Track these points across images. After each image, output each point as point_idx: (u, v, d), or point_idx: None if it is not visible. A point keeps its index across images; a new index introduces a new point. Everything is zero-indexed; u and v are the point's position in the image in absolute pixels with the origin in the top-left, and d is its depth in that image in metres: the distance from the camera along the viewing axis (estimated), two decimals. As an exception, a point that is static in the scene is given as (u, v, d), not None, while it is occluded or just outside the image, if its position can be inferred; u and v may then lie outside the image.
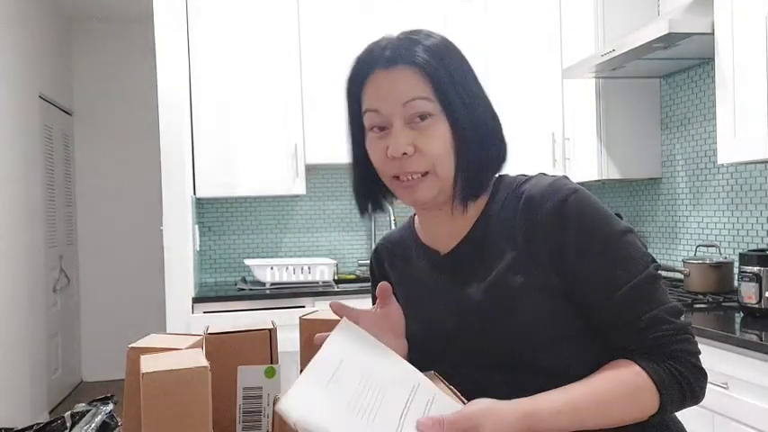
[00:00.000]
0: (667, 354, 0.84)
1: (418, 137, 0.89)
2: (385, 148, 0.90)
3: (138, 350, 0.82)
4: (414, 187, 0.91)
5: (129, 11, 5.00)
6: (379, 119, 0.91)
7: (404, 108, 0.89)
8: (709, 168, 2.80)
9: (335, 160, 3.28)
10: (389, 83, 0.90)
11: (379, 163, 0.93)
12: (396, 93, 0.89)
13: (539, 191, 0.90)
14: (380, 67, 0.92)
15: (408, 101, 0.89)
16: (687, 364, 0.85)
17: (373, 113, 0.92)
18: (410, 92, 0.89)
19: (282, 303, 2.96)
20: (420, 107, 0.88)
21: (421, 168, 0.89)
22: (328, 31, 3.25)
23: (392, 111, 0.89)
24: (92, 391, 4.87)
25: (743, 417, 1.81)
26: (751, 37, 2.10)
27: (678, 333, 0.85)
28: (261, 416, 0.86)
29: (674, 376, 0.83)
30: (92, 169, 5.37)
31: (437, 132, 0.89)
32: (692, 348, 0.86)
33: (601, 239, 0.86)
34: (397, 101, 0.89)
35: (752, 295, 2.08)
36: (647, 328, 0.84)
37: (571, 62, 3.08)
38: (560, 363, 0.87)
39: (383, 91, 0.91)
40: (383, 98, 0.90)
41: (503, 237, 0.92)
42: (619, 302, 0.85)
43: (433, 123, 0.89)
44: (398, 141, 0.88)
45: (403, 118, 0.89)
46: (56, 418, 0.93)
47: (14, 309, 3.85)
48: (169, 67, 2.96)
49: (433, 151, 0.89)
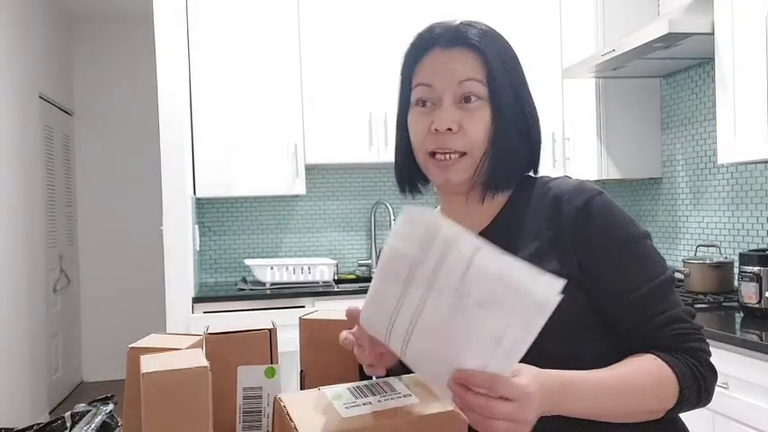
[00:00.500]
0: (684, 349, 0.87)
1: (464, 116, 0.92)
2: (429, 122, 0.93)
3: (138, 350, 0.82)
4: (448, 167, 0.93)
5: (129, 11, 5.00)
6: (430, 94, 0.94)
7: (458, 87, 0.92)
8: (709, 168, 2.80)
9: (335, 160, 3.28)
10: (448, 61, 0.93)
11: (419, 137, 0.95)
12: (453, 71, 0.92)
13: (566, 189, 0.93)
14: (440, 46, 0.94)
15: (464, 80, 0.92)
16: (703, 361, 0.87)
17: (425, 88, 0.94)
18: (467, 72, 0.92)
19: (282, 303, 2.96)
20: (473, 88, 0.92)
21: (460, 147, 0.92)
22: (328, 31, 3.25)
23: (446, 87, 0.92)
24: (92, 392, 4.87)
25: (743, 417, 1.81)
26: (751, 37, 2.10)
27: (693, 332, 0.88)
28: (261, 416, 0.86)
29: (693, 372, 0.85)
30: (92, 169, 5.37)
31: (482, 116, 0.92)
32: (705, 348, 0.89)
33: (623, 240, 0.90)
34: (453, 79, 0.92)
35: (752, 295, 2.08)
36: (665, 325, 0.87)
37: (571, 62, 3.08)
38: (570, 351, 0.88)
39: (441, 67, 0.93)
40: (440, 74, 0.93)
41: (525, 230, 0.94)
42: (637, 301, 0.88)
43: (479, 107, 0.92)
44: (446, 116, 0.91)
45: (454, 96, 0.92)
46: (56, 419, 0.93)
47: (14, 309, 3.85)
48: (169, 68, 2.96)
49: (475, 134, 0.92)
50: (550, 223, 0.91)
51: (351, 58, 3.26)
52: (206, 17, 3.16)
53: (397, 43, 3.90)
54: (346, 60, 3.26)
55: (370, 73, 3.25)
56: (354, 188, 3.66)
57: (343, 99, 3.25)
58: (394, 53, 3.84)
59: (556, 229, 0.91)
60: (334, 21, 3.25)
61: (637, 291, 0.88)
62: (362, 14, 3.26)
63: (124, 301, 5.34)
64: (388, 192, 3.68)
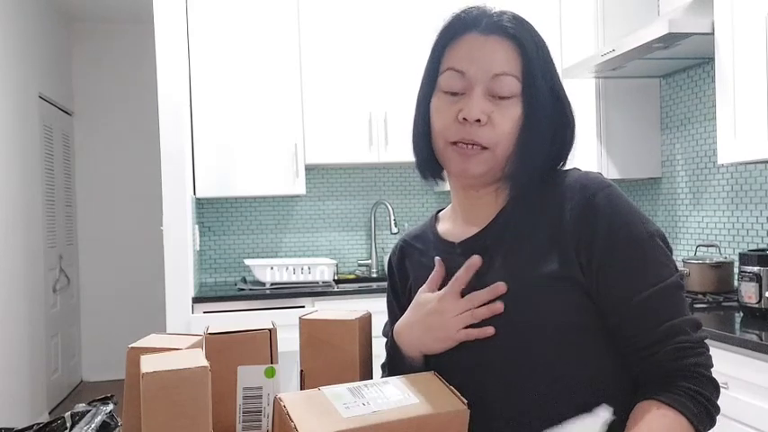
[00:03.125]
0: (680, 368, 0.82)
1: (495, 109, 0.87)
2: (456, 111, 0.87)
3: (138, 350, 0.82)
4: (470, 158, 0.88)
5: (129, 11, 5.00)
6: (461, 82, 0.88)
7: (491, 80, 0.87)
8: (709, 168, 2.79)
9: (335, 160, 3.28)
10: (485, 48, 0.88)
11: (444, 126, 0.89)
12: (490, 61, 0.87)
13: (571, 184, 0.88)
14: (478, 31, 0.89)
15: (500, 74, 0.87)
16: (702, 378, 0.82)
17: (456, 74, 0.88)
18: (504, 66, 0.87)
19: (282, 303, 2.96)
20: (508, 84, 0.87)
21: (485, 141, 0.87)
22: (328, 31, 3.25)
23: (479, 77, 0.87)
24: (92, 392, 4.87)
25: (743, 417, 1.81)
26: (751, 37, 2.10)
27: (695, 347, 0.83)
28: (261, 416, 0.86)
29: (699, 401, 0.81)
30: (92, 169, 5.37)
31: (513, 113, 0.87)
32: (706, 362, 0.84)
33: (630, 238, 0.84)
34: (488, 69, 0.87)
35: (752, 295, 2.08)
36: (666, 338, 0.82)
37: (571, 62, 3.08)
38: (571, 355, 0.85)
39: (476, 54, 0.88)
40: (474, 61, 0.88)
41: (527, 227, 0.89)
42: (641, 306, 0.83)
43: (512, 104, 0.87)
44: (476, 106, 0.86)
45: (486, 88, 0.87)
46: (56, 419, 0.93)
47: (14, 309, 3.85)
48: (169, 68, 2.96)
49: (503, 129, 0.87)
50: (553, 221, 0.87)
51: (351, 57, 3.26)
52: (206, 17, 3.16)
53: (398, 43, 3.91)
54: (346, 60, 3.26)
55: (369, 73, 3.25)
56: (354, 188, 3.65)
57: (343, 99, 3.25)
58: (394, 53, 3.86)
59: (558, 227, 0.86)
60: (334, 21, 3.26)
61: (638, 295, 0.82)
62: (362, 14, 3.26)
63: (124, 301, 5.34)
64: (388, 192, 3.67)
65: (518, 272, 0.87)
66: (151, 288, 5.01)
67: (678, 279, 0.85)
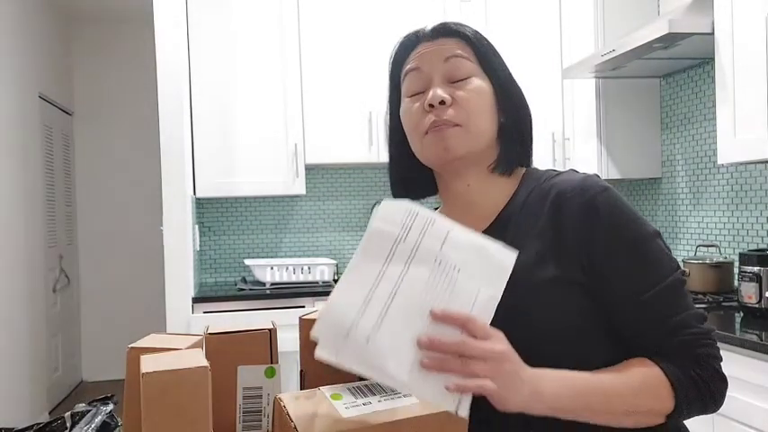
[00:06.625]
0: (692, 357, 0.83)
1: (456, 90, 0.92)
2: (422, 104, 0.92)
3: (138, 350, 0.82)
4: (444, 133, 0.91)
5: (129, 11, 5.00)
6: (419, 80, 0.94)
7: (445, 64, 0.92)
8: (709, 168, 2.80)
9: (335, 160, 3.28)
10: (435, 44, 0.95)
11: (415, 122, 0.94)
12: (440, 51, 0.93)
13: (570, 186, 0.89)
14: (426, 39, 0.96)
15: (450, 56, 0.92)
16: (710, 368, 0.83)
17: (413, 73, 0.95)
18: (455, 49, 0.93)
19: (282, 303, 2.96)
20: (463, 65, 0.92)
21: (455, 119, 0.91)
22: (328, 30, 3.25)
23: (434, 65, 0.93)
24: (92, 391, 4.87)
25: (743, 417, 1.81)
26: (751, 37, 2.10)
27: (703, 338, 0.84)
28: (261, 416, 0.86)
29: (691, 376, 0.82)
30: (92, 169, 5.37)
31: (477, 88, 0.92)
32: (715, 353, 0.85)
33: (630, 240, 0.85)
34: (439, 57, 0.93)
35: (752, 295, 2.08)
36: (673, 332, 0.84)
37: (571, 62, 3.08)
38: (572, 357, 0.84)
39: (428, 51, 0.94)
40: (425, 57, 0.94)
41: (526, 230, 0.90)
42: (645, 304, 0.84)
43: (470, 81, 0.92)
44: (437, 91, 0.91)
45: (443, 75, 0.92)
46: (56, 419, 0.93)
47: (14, 309, 3.85)
48: (169, 67, 2.96)
49: (470, 106, 0.91)
50: (553, 223, 0.87)
51: (351, 57, 3.26)
52: (206, 17, 3.16)
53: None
54: (346, 60, 3.26)
55: (370, 73, 3.25)
56: (354, 188, 3.66)
57: (343, 99, 3.25)
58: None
59: (558, 230, 0.87)
60: (333, 21, 3.25)
61: (643, 294, 0.84)
62: (362, 14, 3.26)
63: (124, 301, 5.35)
64: (388, 192, 3.67)
65: (519, 275, 0.87)
66: (151, 288, 5.01)
67: (680, 275, 0.87)
